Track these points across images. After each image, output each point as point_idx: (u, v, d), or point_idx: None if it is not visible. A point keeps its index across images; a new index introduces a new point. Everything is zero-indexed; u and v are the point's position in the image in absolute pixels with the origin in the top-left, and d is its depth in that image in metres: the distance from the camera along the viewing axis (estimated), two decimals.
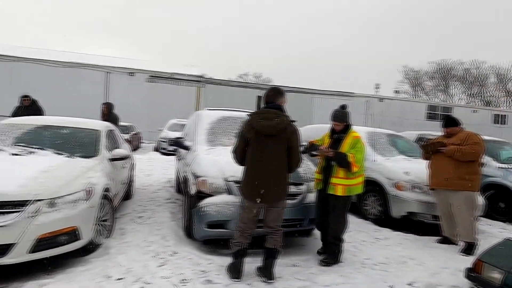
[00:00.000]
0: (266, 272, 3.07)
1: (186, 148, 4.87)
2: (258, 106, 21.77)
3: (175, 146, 5.19)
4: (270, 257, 3.09)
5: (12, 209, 2.76)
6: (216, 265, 3.32)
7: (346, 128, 3.71)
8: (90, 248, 3.37)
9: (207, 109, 5.66)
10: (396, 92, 34.91)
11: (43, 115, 5.40)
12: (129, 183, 5.67)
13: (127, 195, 5.61)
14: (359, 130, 4.24)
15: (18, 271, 2.88)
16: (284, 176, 3.08)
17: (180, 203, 5.73)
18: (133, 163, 6.19)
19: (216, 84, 21.56)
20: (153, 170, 9.15)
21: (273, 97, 3.17)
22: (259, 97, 21.72)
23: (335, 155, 3.52)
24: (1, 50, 18.77)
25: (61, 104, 17.00)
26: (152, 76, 20.32)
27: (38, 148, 3.82)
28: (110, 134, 4.91)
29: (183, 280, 2.98)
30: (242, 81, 37.47)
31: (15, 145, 3.85)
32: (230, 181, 3.75)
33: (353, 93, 23.80)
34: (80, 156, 3.89)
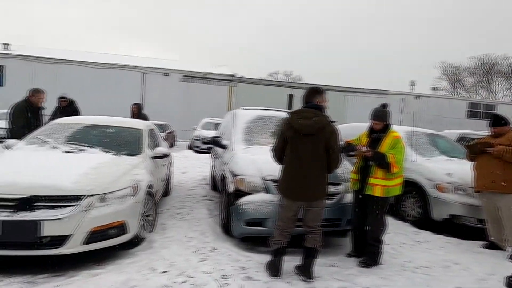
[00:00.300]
0: (305, 271, 3.09)
1: (223, 146, 4.97)
2: (289, 105, 21.70)
3: (213, 145, 5.31)
4: (309, 256, 3.10)
5: (68, 203, 2.97)
6: (255, 262, 3.38)
7: (386, 128, 3.63)
8: (135, 242, 3.55)
9: (243, 109, 5.74)
10: (434, 89, 33.37)
11: (79, 115, 5.71)
12: (168, 180, 5.88)
13: (166, 192, 5.82)
14: (398, 129, 4.14)
15: (73, 261, 3.09)
16: (323, 176, 3.08)
17: (216, 201, 5.87)
18: (171, 161, 6.40)
19: (248, 83, 21.71)
20: (188, 168, 9.40)
21: (312, 96, 3.18)
22: (290, 96, 21.63)
23: (374, 155, 3.47)
24: (47, 53, 20.00)
25: (101, 104, 17.89)
26: (186, 76, 20.83)
27: (87, 146, 4.07)
28: (151, 133, 5.12)
29: (224, 275, 3.06)
30: (273, 79, 37.51)
31: (67, 143, 4.11)
32: (268, 180, 3.80)
33: (388, 90, 23.09)
34: (125, 154, 4.09)
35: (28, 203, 2.87)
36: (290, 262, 3.21)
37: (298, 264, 3.18)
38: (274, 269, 3.10)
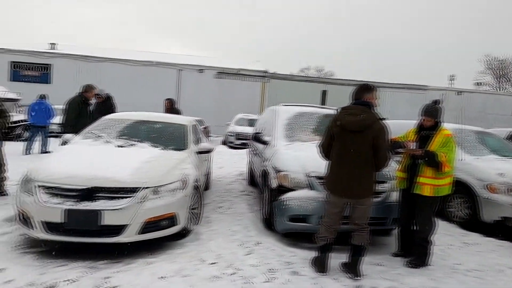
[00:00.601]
0: (352, 269, 3.08)
1: (265, 142, 5.02)
2: (322, 101, 21.41)
3: (254, 141, 5.38)
4: (356, 254, 3.09)
5: (124, 194, 3.15)
6: (299, 257, 3.41)
7: (436, 125, 3.51)
8: (183, 234, 3.69)
9: (283, 105, 5.75)
10: (478, 84, 31.43)
11: (115, 111, 5.97)
12: (207, 175, 6.03)
13: (206, 186, 5.97)
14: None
15: (128, 249, 3.28)
16: (370, 173, 3.04)
17: (254, 196, 5.95)
18: (211, 156, 6.56)
19: (281, 79, 21.64)
20: (224, 163, 9.57)
21: (360, 93, 3.14)
22: (323, 92, 21.34)
23: (425, 154, 3.37)
24: (89, 52, 21.02)
25: (139, 100, 18.59)
26: (220, 72, 21.10)
27: (137, 141, 4.26)
28: (194, 129, 5.27)
29: (270, 269, 3.12)
30: (304, 75, 37.10)
31: (118, 138, 4.34)
32: (311, 177, 3.80)
33: (427, 86, 22.12)
34: (172, 149, 4.25)
35: (89, 194, 3.07)
36: (336, 259, 3.21)
37: (344, 261, 3.18)
38: (320, 265, 3.12)
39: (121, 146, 4.10)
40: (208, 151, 4.76)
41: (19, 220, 3.26)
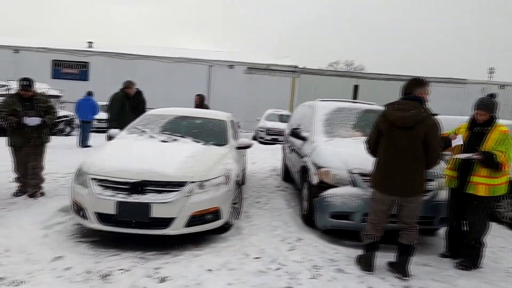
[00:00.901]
0: (400, 269, 3.00)
1: (303, 138, 4.98)
2: (354, 95, 20.93)
3: (292, 136, 5.35)
4: (405, 253, 3.00)
5: (172, 188, 3.24)
6: (343, 255, 3.37)
7: (491, 121, 3.32)
8: (225, 228, 3.75)
9: (320, 100, 5.68)
10: None
11: (145, 106, 6.15)
12: (243, 170, 6.08)
13: (242, 181, 6.02)
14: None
15: (173, 242, 3.38)
16: (420, 171, 2.93)
17: (290, 191, 5.94)
18: (247, 151, 6.60)
19: (311, 74, 21.37)
20: (256, 159, 9.59)
21: (411, 88, 3.02)
22: (355, 86, 20.85)
23: (483, 159, 3.16)
24: (124, 49, 21.72)
25: (171, 95, 19.02)
26: (250, 67, 21.15)
27: (179, 136, 4.36)
28: (232, 124, 5.32)
29: (314, 266, 3.11)
30: (333, 69, 36.39)
31: (161, 133, 4.46)
32: (354, 173, 3.74)
33: (466, 79, 21.04)
34: (213, 144, 4.32)
35: (139, 187, 3.18)
36: (382, 258, 3.14)
37: (391, 260, 3.10)
38: (366, 264, 3.07)
39: (165, 141, 4.21)
40: (247, 146, 4.79)
41: (73, 210, 3.45)
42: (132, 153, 3.73)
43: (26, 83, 4.51)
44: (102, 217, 3.19)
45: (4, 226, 3.53)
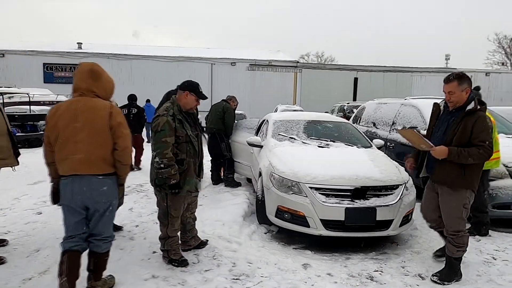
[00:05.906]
0: None
1: None
2: (354, 88, 21.69)
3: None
4: None
5: (386, 192, 3.44)
6: None
7: None
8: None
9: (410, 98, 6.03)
10: (502, 64, 31.79)
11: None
12: None
13: None
14: None
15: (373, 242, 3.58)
16: None
17: None
18: None
19: (312, 69, 21.83)
20: None
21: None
22: (355, 79, 21.60)
23: None
24: (122, 50, 20.95)
25: None
26: (252, 64, 21.22)
27: (329, 141, 4.50)
28: None
29: None
30: (305, 62, 36.92)
31: (309, 138, 4.57)
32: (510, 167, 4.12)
33: (455, 69, 22.44)
34: (362, 147, 4.51)
35: (360, 192, 3.35)
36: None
37: None
38: None
39: (321, 147, 4.35)
40: (381, 146, 5.03)
41: (281, 218, 3.52)
42: (319, 159, 3.84)
43: None
44: (328, 224, 3.32)
45: None
